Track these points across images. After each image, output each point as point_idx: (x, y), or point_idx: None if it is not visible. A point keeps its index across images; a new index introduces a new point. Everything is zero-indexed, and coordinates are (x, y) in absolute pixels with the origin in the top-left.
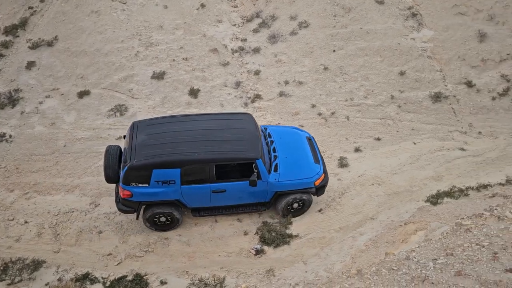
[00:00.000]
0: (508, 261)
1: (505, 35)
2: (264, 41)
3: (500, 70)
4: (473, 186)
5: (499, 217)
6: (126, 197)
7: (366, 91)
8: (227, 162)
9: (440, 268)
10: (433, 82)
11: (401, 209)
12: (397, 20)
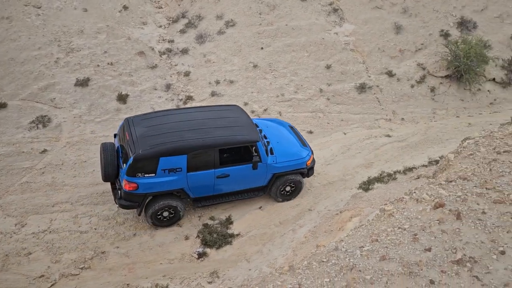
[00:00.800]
0: (427, 240)
1: (418, 26)
2: (192, 42)
3: (416, 59)
4: (400, 170)
5: (418, 200)
6: (131, 189)
7: (296, 86)
8: (230, 146)
9: (367, 255)
10: (357, 73)
11: (336, 198)
12: (320, 15)
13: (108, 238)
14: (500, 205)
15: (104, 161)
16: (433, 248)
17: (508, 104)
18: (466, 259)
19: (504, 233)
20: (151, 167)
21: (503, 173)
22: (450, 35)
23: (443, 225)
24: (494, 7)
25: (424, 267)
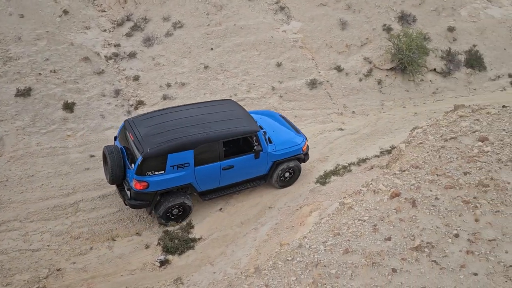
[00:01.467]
0: (386, 230)
1: (362, 21)
2: (139, 45)
3: (363, 54)
4: (354, 161)
5: (375, 191)
6: (142, 188)
7: (248, 85)
8: (233, 137)
9: (330, 250)
10: (307, 70)
11: (295, 194)
12: (267, 14)
13: (63, 254)
14: (451, 190)
15: (111, 163)
16: (393, 237)
17: (449, 93)
18: (424, 245)
19: (457, 217)
20: (160, 164)
21: (451, 159)
22: (392, 29)
23: (400, 214)
24: (430, 1)
25: (385, 256)
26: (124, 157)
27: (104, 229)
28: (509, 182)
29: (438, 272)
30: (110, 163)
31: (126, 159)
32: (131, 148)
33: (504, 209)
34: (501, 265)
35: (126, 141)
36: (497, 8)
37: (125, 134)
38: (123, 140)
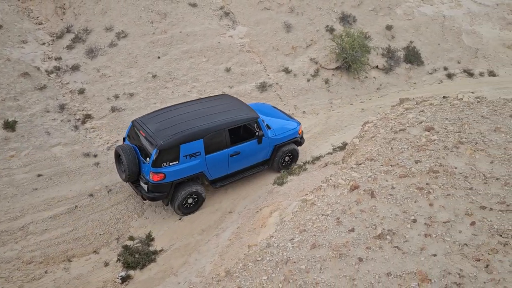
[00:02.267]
0: (349, 222)
1: (305, 23)
2: (82, 57)
3: (309, 55)
4: (308, 160)
5: (335, 186)
6: (159, 180)
7: (199, 92)
8: (238, 125)
9: (298, 246)
10: (256, 73)
11: (254, 196)
12: (213, 20)
13: (15, 281)
14: (405, 179)
15: (126, 161)
16: (356, 228)
17: (392, 88)
18: (385, 232)
19: (413, 203)
20: (174, 155)
21: (402, 149)
22: (335, 30)
23: (361, 205)
24: (368, 1)
25: (351, 247)
26: (138, 154)
27: (59, 250)
28: (456, 166)
29: (400, 256)
30: (125, 161)
31: (139, 156)
32: (143, 144)
33: (454, 192)
34: (457, 244)
35: (136, 140)
36: (429, 6)
37: (134, 133)
38: (133, 139)
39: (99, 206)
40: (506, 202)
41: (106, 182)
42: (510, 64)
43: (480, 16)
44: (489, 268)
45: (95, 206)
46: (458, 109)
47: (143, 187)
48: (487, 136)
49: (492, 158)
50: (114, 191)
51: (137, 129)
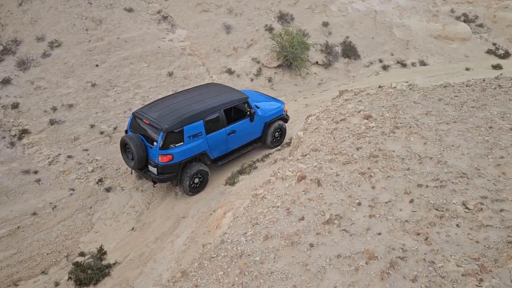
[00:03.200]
0: (299, 211)
1: (245, 24)
2: (13, 70)
3: (250, 55)
4: (258, 158)
5: (283, 178)
6: (167, 161)
7: (142, 98)
8: (231, 105)
9: (251, 239)
10: (200, 76)
11: (207, 199)
12: (151, 25)
13: None
14: (348, 165)
15: (135, 147)
16: (306, 216)
17: (332, 82)
18: (333, 217)
19: (357, 188)
20: (179, 136)
21: (344, 138)
22: (274, 29)
23: (308, 194)
24: (304, 0)
25: (302, 234)
26: (144, 141)
27: (3, 275)
28: (394, 150)
29: (349, 238)
30: (133, 147)
31: (146, 142)
32: (148, 131)
33: (393, 173)
34: (398, 221)
35: (139, 129)
36: (361, 2)
37: (136, 124)
38: (136, 129)
39: (44, 224)
40: (440, 178)
41: (50, 198)
42: (438, 54)
43: (408, 10)
44: (428, 240)
45: (40, 225)
46: (392, 97)
47: (153, 171)
48: (420, 120)
49: (425, 140)
50: (59, 207)
51: (139, 119)
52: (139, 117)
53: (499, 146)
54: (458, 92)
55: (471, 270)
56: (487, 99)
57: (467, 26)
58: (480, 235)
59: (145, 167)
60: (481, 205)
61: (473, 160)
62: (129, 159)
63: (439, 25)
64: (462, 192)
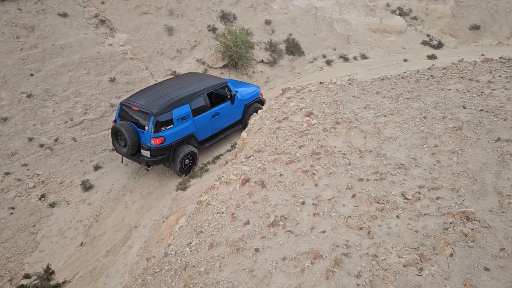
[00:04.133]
0: (244, 215)
1: (187, 25)
2: None
3: (195, 56)
4: (209, 160)
5: (227, 182)
6: (160, 143)
7: (84, 107)
8: (213, 89)
9: (196, 249)
10: (143, 80)
11: (159, 206)
12: (88, 30)
13: None
14: (291, 165)
15: (127, 133)
16: (251, 220)
17: (279, 79)
18: (278, 219)
19: (300, 187)
20: (168, 120)
21: (287, 137)
22: (217, 29)
23: (253, 197)
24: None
25: (247, 239)
26: (135, 127)
27: None
28: (335, 146)
29: (294, 239)
30: (126, 133)
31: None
32: (138, 118)
33: (335, 169)
34: (342, 217)
35: (129, 117)
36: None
37: (125, 112)
38: (125, 118)
39: None
40: (379, 171)
41: None
42: (377, 47)
43: (347, 5)
44: (371, 234)
45: None
46: (333, 93)
47: (146, 155)
48: (359, 114)
49: (365, 134)
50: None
51: (127, 107)
52: (127, 105)
53: (433, 135)
54: (395, 85)
55: (412, 260)
56: (421, 90)
57: (402, 19)
58: (419, 224)
59: (137, 152)
60: (419, 195)
61: (410, 151)
62: (121, 146)
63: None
64: (401, 183)
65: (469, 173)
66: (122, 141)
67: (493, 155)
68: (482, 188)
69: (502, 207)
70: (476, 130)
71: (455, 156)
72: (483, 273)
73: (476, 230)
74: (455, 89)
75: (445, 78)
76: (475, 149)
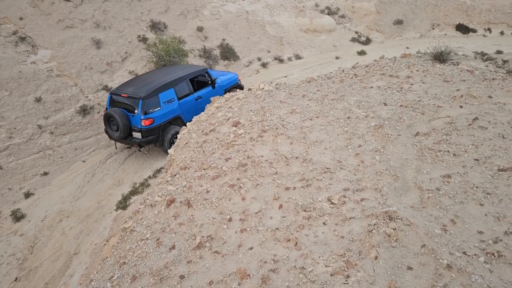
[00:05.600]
0: (169, 239)
1: (116, 37)
2: None
3: (127, 68)
4: (150, 175)
5: (152, 205)
6: (149, 124)
7: (8, 131)
8: (194, 75)
9: (118, 284)
10: (73, 98)
11: (99, 229)
12: (7, 48)
13: None
14: (218, 179)
15: (119, 118)
16: (176, 243)
17: None
18: (204, 240)
19: (227, 202)
20: (156, 102)
21: (213, 150)
22: (148, 39)
23: (179, 219)
24: (175, 6)
25: (172, 266)
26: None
27: None
28: (262, 155)
29: (221, 260)
30: (118, 118)
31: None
32: (127, 102)
33: (262, 180)
34: (269, 231)
35: (119, 104)
36: (232, 4)
37: (115, 101)
38: (115, 105)
39: None
40: (305, 177)
41: None
42: (310, 46)
43: (277, 7)
44: (298, 245)
45: None
46: (260, 99)
47: (137, 136)
48: (286, 120)
49: (291, 140)
50: None
51: (117, 95)
52: (116, 93)
53: (357, 135)
54: (320, 86)
55: (339, 268)
56: (345, 90)
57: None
58: (345, 229)
59: (128, 135)
60: (344, 198)
61: (335, 153)
62: (113, 131)
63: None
64: (327, 187)
65: (391, 171)
66: (114, 126)
67: (412, 150)
68: (404, 184)
69: (422, 202)
70: (396, 127)
71: (377, 154)
72: (407, 273)
73: (398, 229)
74: (376, 87)
75: (368, 76)
76: (396, 146)
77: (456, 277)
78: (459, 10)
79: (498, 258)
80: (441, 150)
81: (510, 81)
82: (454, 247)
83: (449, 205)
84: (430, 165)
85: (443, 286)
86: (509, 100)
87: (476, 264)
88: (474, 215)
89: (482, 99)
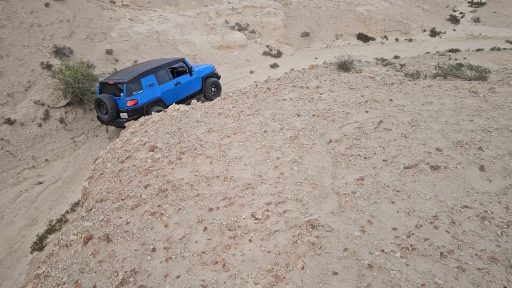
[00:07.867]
0: (89, 280)
1: (15, 65)
2: None
3: (31, 98)
4: (68, 209)
5: (67, 245)
6: (134, 104)
7: None
8: (172, 64)
9: None
10: None
11: (14, 276)
12: None
13: None
14: (137, 209)
15: (107, 101)
16: (97, 283)
17: None
18: (127, 275)
19: (150, 231)
20: (138, 86)
21: (130, 178)
22: (53, 65)
23: (98, 256)
24: (80, 30)
25: None
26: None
27: None
28: (183, 178)
29: None
30: (107, 101)
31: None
32: (114, 88)
33: (184, 204)
34: (196, 256)
35: (107, 90)
36: (141, 24)
37: (103, 88)
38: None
39: None
40: (228, 196)
41: None
42: (224, 62)
43: (188, 26)
44: (226, 266)
45: None
46: (176, 120)
47: (123, 116)
48: (203, 139)
49: (210, 159)
50: None
51: (104, 84)
52: (104, 82)
53: (274, 148)
54: (235, 102)
55: (268, 283)
56: (259, 104)
57: (242, 34)
58: (270, 244)
59: (116, 118)
60: (267, 212)
61: (255, 168)
62: (103, 114)
63: (219, 37)
64: (250, 204)
65: (310, 180)
66: (104, 109)
67: (327, 157)
68: (322, 191)
69: (341, 206)
70: (310, 136)
71: (295, 165)
72: (333, 278)
73: (321, 236)
74: (289, 99)
75: (280, 89)
76: (312, 155)
77: (377, 275)
78: (358, 21)
79: (412, 251)
80: (353, 154)
81: (407, 84)
82: (373, 247)
83: (364, 206)
84: (345, 170)
85: (367, 286)
86: (407, 102)
87: (393, 260)
88: (388, 213)
89: (384, 103)
